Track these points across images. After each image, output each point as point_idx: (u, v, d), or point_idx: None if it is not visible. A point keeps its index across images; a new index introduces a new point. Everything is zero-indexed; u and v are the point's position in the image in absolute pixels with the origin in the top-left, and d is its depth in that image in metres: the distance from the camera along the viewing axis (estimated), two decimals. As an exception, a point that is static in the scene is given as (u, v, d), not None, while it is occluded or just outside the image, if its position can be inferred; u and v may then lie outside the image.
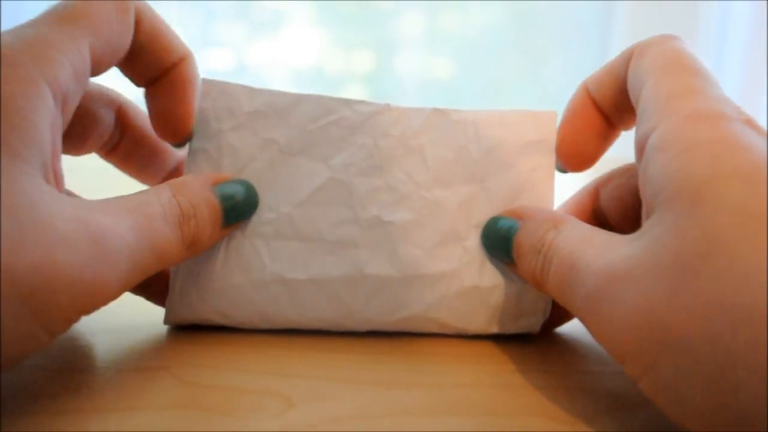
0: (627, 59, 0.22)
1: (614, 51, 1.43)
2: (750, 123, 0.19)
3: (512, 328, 0.24)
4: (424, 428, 0.18)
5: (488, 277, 0.24)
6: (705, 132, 0.18)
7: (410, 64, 1.39)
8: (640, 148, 0.20)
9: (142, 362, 0.21)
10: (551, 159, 0.25)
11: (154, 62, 0.23)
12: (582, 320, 0.20)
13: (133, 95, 0.26)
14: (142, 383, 0.20)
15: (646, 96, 0.20)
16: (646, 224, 0.18)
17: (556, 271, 0.21)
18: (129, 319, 0.25)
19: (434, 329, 0.24)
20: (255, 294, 0.23)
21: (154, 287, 0.24)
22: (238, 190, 0.23)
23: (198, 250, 0.22)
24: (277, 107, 0.24)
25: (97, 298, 0.18)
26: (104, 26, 0.20)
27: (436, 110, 0.25)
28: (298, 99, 0.24)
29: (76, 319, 0.18)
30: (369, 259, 0.24)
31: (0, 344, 0.16)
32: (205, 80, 0.24)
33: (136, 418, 0.18)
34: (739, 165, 0.17)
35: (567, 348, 0.24)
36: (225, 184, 0.23)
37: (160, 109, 0.24)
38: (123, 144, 0.26)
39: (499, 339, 0.24)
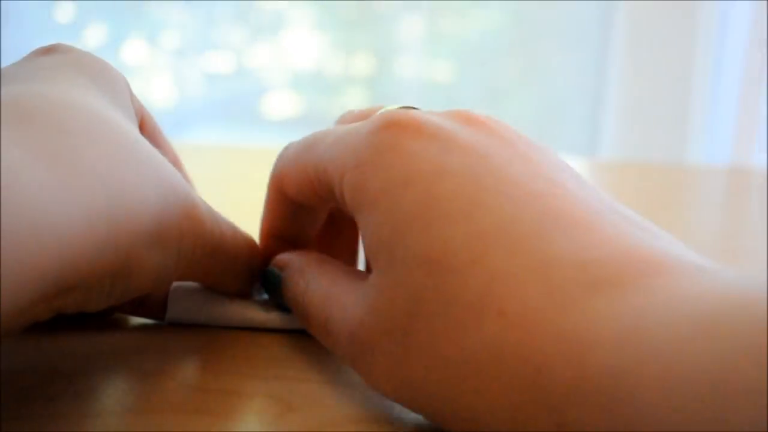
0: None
1: (614, 52, 1.44)
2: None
3: None
4: None
5: None
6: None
7: (410, 67, 1.39)
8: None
9: (142, 365, 0.21)
10: None
11: None
12: None
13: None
14: (142, 386, 0.20)
15: None
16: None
17: (316, 331, 0.20)
18: (128, 322, 0.25)
19: None
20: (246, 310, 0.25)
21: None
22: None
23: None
24: None
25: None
26: None
27: None
28: None
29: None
30: None
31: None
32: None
33: (135, 421, 0.18)
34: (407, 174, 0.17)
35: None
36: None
37: None
38: None
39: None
